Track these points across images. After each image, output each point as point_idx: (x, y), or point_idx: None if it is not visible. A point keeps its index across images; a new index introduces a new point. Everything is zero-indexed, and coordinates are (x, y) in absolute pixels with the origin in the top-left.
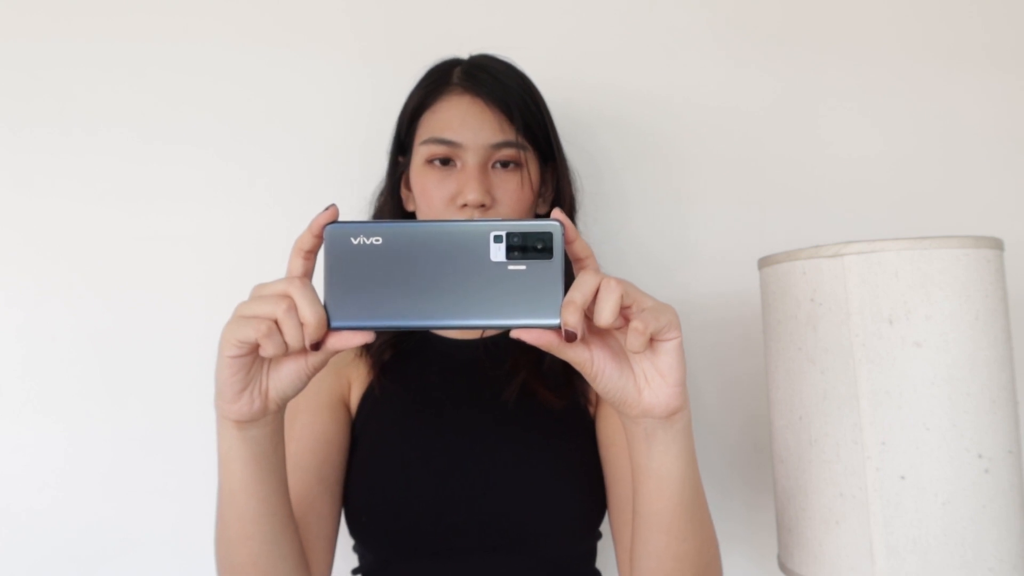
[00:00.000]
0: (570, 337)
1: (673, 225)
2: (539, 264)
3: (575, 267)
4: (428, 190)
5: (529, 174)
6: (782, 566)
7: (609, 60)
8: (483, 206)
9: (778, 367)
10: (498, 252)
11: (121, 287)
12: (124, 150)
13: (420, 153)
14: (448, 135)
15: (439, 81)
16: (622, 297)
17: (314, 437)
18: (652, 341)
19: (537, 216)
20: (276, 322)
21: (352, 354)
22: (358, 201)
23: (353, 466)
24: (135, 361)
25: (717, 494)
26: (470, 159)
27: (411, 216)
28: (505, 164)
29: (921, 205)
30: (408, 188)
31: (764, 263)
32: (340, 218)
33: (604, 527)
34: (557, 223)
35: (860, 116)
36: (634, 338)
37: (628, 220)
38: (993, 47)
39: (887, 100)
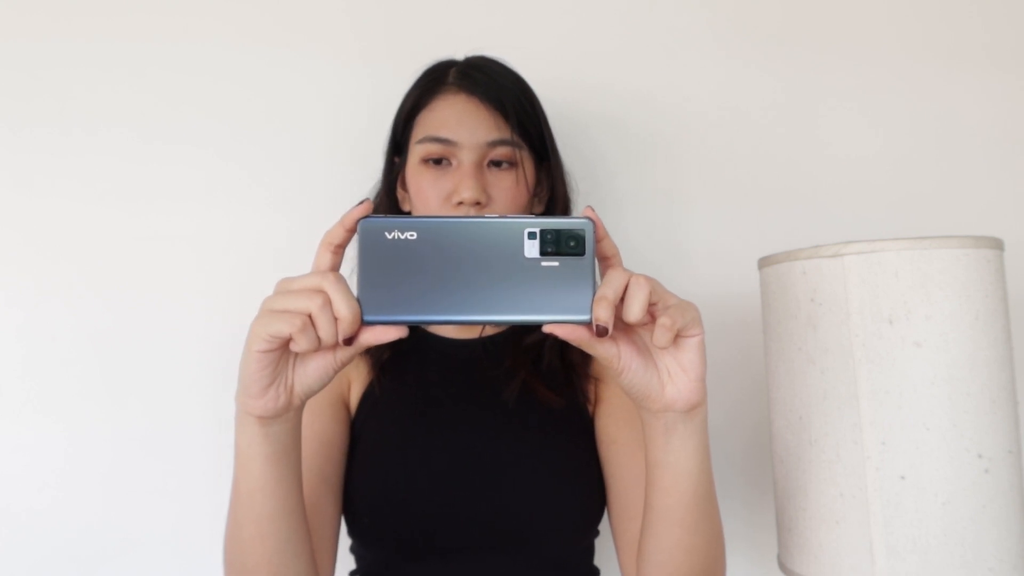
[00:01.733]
0: (601, 332)
1: (673, 225)
2: (571, 261)
3: (601, 265)
4: (424, 189)
5: (524, 173)
6: (782, 566)
7: (609, 60)
8: (478, 204)
9: (778, 367)
10: (532, 249)
11: (121, 287)
12: (124, 150)
13: (416, 152)
14: (444, 133)
15: (435, 81)
16: (650, 294)
17: (315, 437)
18: (676, 337)
19: (531, 214)
20: (310, 316)
21: None
22: (357, 200)
23: (353, 466)
24: (135, 361)
25: (718, 493)
26: (465, 157)
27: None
28: (500, 163)
29: (921, 205)
30: (404, 188)
31: (764, 263)
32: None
33: (602, 524)
34: (589, 221)
35: (860, 116)
36: (661, 334)
37: (628, 220)
38: (993, 47)
39: (887, 100)
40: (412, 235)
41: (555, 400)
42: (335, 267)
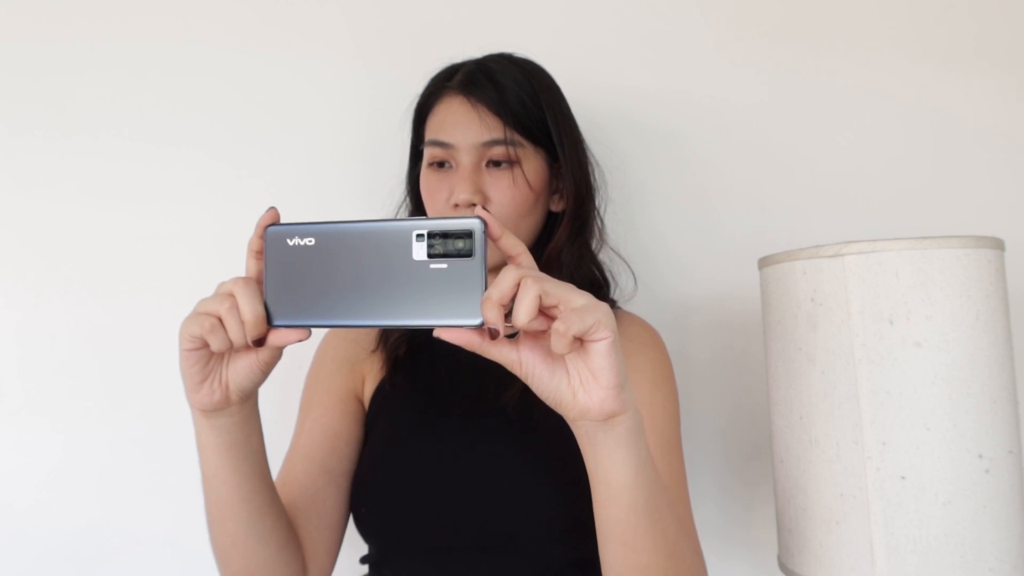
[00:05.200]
0: (493, 335)
1: (673, 225)
2: (460, 263)
3: (509, 263)
4: (432, 192)
5: (524, 172)
6: (782, 566)
7: (607, 59)
8: (474, 205)
9: (778, 367)
10: (420, 251)
11: (120, 287)
12: (123, 152)
13: (425, 156)
14: (442, 136)
15: (439, 84)
16: (541, 296)
17: (322, 431)
18: (582, 342)
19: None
20: (220, 319)
21: (367, 350)
22: (357, 201)
23: (361, 459)
24: (133, 361)
25: (717, 494)
26: (463, 159)
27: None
28: (499, 163)
29: (922, 205)
30: None
31: (764, 263)
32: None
33: None
34: (478, 220)
35: (860, 116)
36: (555, 340)
37: (627, 219)
38: (992, 46)
39: (887, 100)
40: (311, 241)
41: None
42: (258, 272)
